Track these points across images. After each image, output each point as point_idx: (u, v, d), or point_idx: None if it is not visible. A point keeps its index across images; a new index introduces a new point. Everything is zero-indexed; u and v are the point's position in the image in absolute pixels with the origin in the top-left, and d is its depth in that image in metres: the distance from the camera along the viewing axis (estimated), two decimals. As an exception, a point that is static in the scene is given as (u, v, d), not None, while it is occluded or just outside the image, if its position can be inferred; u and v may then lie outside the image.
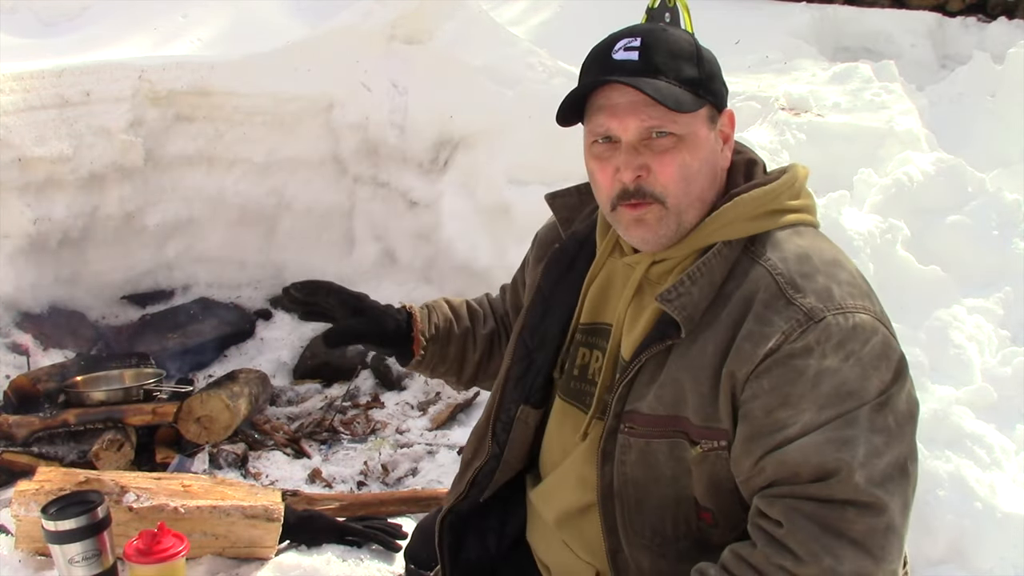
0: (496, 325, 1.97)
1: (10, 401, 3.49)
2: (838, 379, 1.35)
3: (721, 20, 5.82)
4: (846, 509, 1.31)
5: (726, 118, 1.52)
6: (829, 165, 4.06)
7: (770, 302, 1.39)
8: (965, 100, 4.97)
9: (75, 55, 4.42)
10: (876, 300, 1.46)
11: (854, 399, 1.34)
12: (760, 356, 1.37)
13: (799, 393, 1.35)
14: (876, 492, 1.31)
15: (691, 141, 1.45)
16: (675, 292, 1.44)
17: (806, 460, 1.33)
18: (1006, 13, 6.88)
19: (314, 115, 4.49)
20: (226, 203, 4.55)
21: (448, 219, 4.25)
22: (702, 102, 1.46)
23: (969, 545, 2.51)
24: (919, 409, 1.43)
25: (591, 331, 1.64)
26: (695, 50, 1.50)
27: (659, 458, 1.47)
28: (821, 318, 1.37)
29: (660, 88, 1.42)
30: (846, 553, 1.30)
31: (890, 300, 3.52)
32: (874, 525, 1.31)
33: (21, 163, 3.95)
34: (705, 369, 1.42)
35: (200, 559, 2.30)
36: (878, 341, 1.38)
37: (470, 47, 4.44)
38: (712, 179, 1.50)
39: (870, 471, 1.32)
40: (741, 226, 1.47)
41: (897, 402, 1.37)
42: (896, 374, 1.38)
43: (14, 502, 2.23)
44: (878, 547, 1.31)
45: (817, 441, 1.33)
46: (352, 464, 3.53)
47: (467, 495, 1.76)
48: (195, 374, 4.08)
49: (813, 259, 1.44)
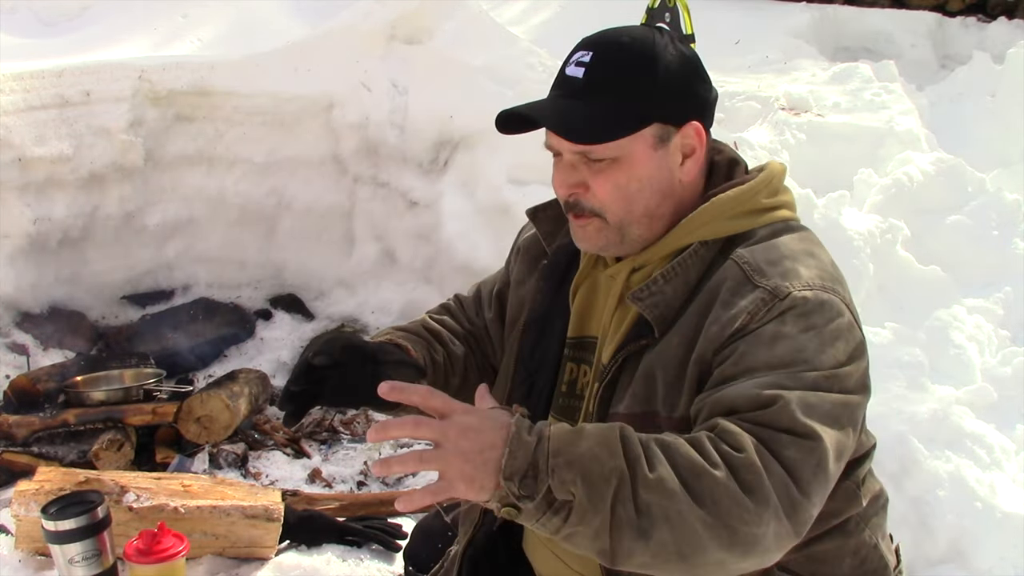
0: (467, 347, 1.87)
1: (10, 401, 3.49)
2: (794, 345, 1.34)
3: (721, 20, 5.83)
4: (780, 434, 1.26)
5: (691, 131, 1.47)
6: (829, 165, 4.07)
7: (736, 288, 1.39)
8: (965, 100, 4.97)
9: (75, 55, 4.42)
10: (846, 290, 1.46)
11: (805, 365, 1.32)
12: (727, 336, 1.36)
13: (753, 352, 1.34)
14: (813, 424, 1.27)
15: (627, 162, 1.44)
16: (647, 291, 1.45)
17: (741, 395, 1.30)
18: (1006, 13, 6.88)
19: (314, 115, 4.49)
20: (226, 203, 4.55)
21: (448, 219, 4.25)
22: (642, 124, 1.43)
23: (969, 545, 2.51)
24: (869, 396, 1.41)
25: (577, 345, 1.63)
26: (651, 64, 1.44)
27: None
28: (787, 294, 1.37)
29: (573, 120, 1.41)
30: (775, 468, 1.24)
31: (890, 300, 3.56)
32: (805, 457, 1.26)
33: (21, 163, 3.95)
34: (671, 360, 1.42)
35: (200, 559, 2.30)
36: (842, 322, 1.38)
37: (470, 47, 4.44)
38: (662, 195, 1.48)
39: (808, 408, 1.28)
40: (719, 226, 1.48)
41: (846, 380, 1.35)
42: (852, 356, 1.37)
43: (14, 502, 2.23)
44: (805, 480, 1.25)
45: (756, 382, 1.31)
46: (352, 464, 3.53)
47: (482, 523, 1.72)
48: (195, 374, 4.07)
49: (781, 249, 1.44)
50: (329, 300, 4.71)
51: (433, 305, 2.07)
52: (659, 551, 1.20)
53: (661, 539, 1.20)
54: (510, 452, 1.20)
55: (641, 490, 1.20)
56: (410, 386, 1.31)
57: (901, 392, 2.87)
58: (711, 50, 4.76)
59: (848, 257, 3.28)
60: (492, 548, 1.74)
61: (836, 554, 1.51)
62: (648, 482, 1.20)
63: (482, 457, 1.20)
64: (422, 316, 1.91)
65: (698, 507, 1.20)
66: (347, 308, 4.63)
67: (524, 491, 1.20)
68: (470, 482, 1.20)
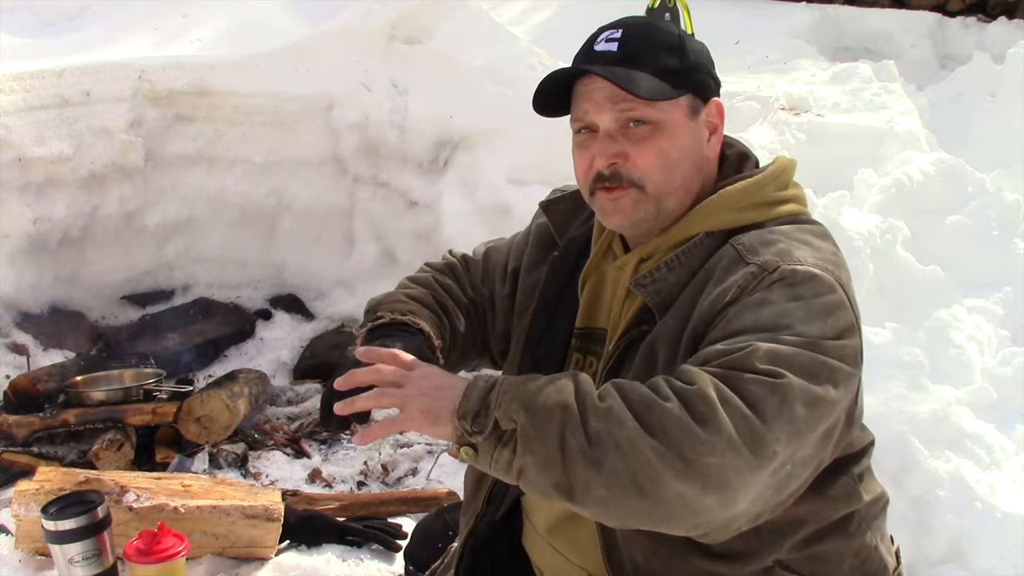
0: (466, 319, 1.84)
1: (10, 401, 3.49)
2: (779, 310, 1.33)
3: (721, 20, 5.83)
4: (742, 373, 1.25)
5: (713, 108, 1.53)
6: (829, 165, 4.06)
7: (729, 266, 1.41)
8: (965, 100, 4.97)
9: (75, 55, 4.42)
10: (845, 275, 1.45)
11: (790, 331, 1.31)
12: (718, 308, 1.37)
13: (739, 316, 1.34)
14: (780, 370, 1.25)
15: (669, 129, 1.47)
16: (650, 277, 1.47)
17: (714, 348, 1.31)
18: (1006, 13, 6.88)
19: (314, 115, 4.49)
20: (226, 203, 4.55)
21: (448, 219, 4.25)
22: (680, 91, 1.48)
23: (969, 545, 2.51)
24: (858, 372, 1.38)
25: (585, 336, 1.64)
26: (678, 40, 1.51)
27: None
28: (776, 267, 1.37)
29: (632, 78, 1.44)
30: (733, 401, 1.23)
31: (890, 300, 3.55)
32: (767, 393, 1.24)
33: (21, 163, 3.95)
34: (668, 340, 1.43)
35: (200, 559, 2.30)
36: (833, 298, 1.37)
37: (470, 47, 4.44)
38: (696, 168, 1.51)
39: (775, 358, 1.27)
40: (726, 217, 1.49)
41: (830, 350, 1.32)
42: (840, 334, 1.35)
43: (14, 502, 2.23)
44: (767, 414, 1.23)
45: (734, 341, 1.30)
46: (352, 464, 3.53)
47: (484, 512, 1.75)
48: (195, 374, 4.07)
49: (778, 233, 1.45)
50: (329, 300, 4.71)
51: None
52: (614, 482, 1.21)
53: (614, 467, 1.21)
54: (464, 395, 1.29)
55: (591, 418, 1.23)
56: (380, 349, 1.43)
57: (901, 392, 2.87)
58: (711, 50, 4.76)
59: (848, 257, 3.24)
60: (494, 538, 1.75)
61: (837, 555, 1.51)
62: (598, 411, 1.24)
63: (438, 394, 1.31)
64: (426, 273, 1.88)
65: (649, 436, 1.21)
66: (347, 308, 4.63)
67: (475, 427, 1.27)
68: (426, 414, 1.30)
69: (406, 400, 1.31)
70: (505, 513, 1.76)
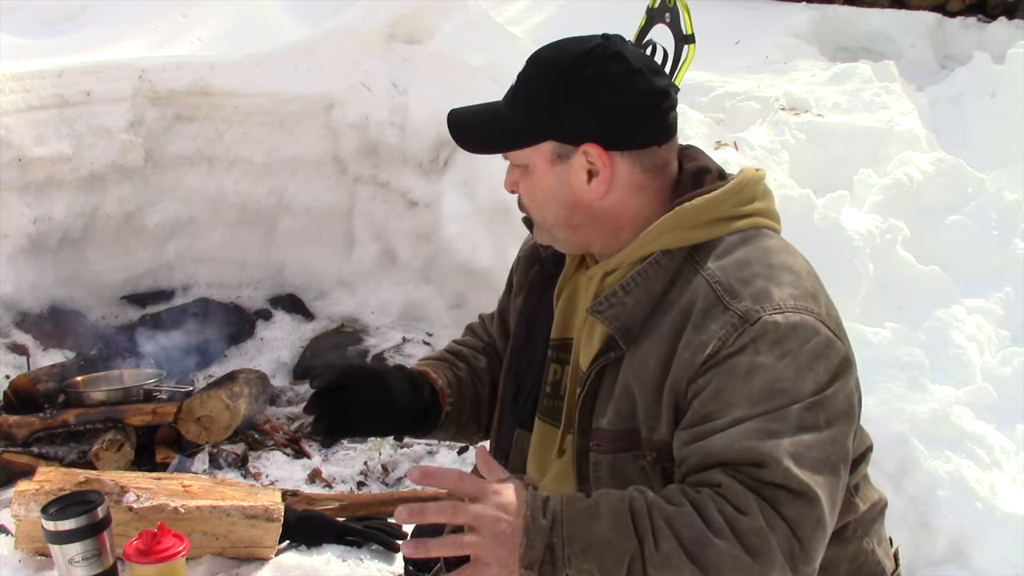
0: (488, 359, 1.89)
1: (10, 401, 3.48)
2: (772, 376, 1.32)
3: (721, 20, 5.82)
4: (779, 491, 1.27)
5: (591, 151, 1.44)
6: (829, 165, 4.06)
7: (708, 310, 1.37)
8: (965, 100, 4.97)
9: (75, 55, 4.42)
10: (824, 301, 1.43)
11: (786, 396, 1.31)
12: (699, 363, 1.35)
13: (731, 388, 1.32)
14: (808, 480, 1.28)
15: (531, 172, 1.50)
16: (606, 303, 1.44)
17: (729, 448, 1.30)
18: (1006, 13, 6.88)
19: (314, 115, 4.49)
20: (226, 203, 4.55)
21: (448, 219, 4.25)
22: (538, 139, 1.46)
23: (969, 545, 2.51)
24: (860, 407, 1.41)
25: (560, 346, 1.63)
26: (555, 82, 1.46)
27: (628, 472, 1.45)
28: (757, 319, 1.34)
29: (482, 128, 1.53)
30: (778, 524, 1.26)
31: (890, 300, 3.55)
32: (805, 513, 1.28)
33: (21, 163, 3.95)
34: (648, 382, 1.41)
35: (200, 559, 2.29)
36: (819, 341, 1.36)
37: (470, 47, 4.44)
38: (571, 207, 1.49)
39: (799, 461, 1.29)
40: (681, 235, 1.45)
41: (832, 402, 1.34)
42: (835, 375, 1.35)
43: (14, 502, 2.23)
44: (806, 536, 1.27)
45: (742, 431, 1.30)
46: (352, 464, 3.53)
47: None
48: (195, 374, 4.07)
49: (754, 264, 1.41)
50: (329, 300, 4.71)
51: (433, 306, 2.11)
52: None
53: None
54: (527, 541, 1.27)
55: (650, 569, 1.26)
56: (440, 471, 1.36)
57: (901, 392, 2.87)
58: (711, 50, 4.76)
59: (848, 257, 3.28)
60: None
61: (833, 560, 1.50)
62: (655, 561, 1.25)
63: (511, 541, 1.28)
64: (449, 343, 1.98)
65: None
66: (347, 308, 4.63)
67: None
68: (503, 565, 1.28)
69: (485, 551, 1.28)
70: None
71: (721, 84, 4.80)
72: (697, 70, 4.53)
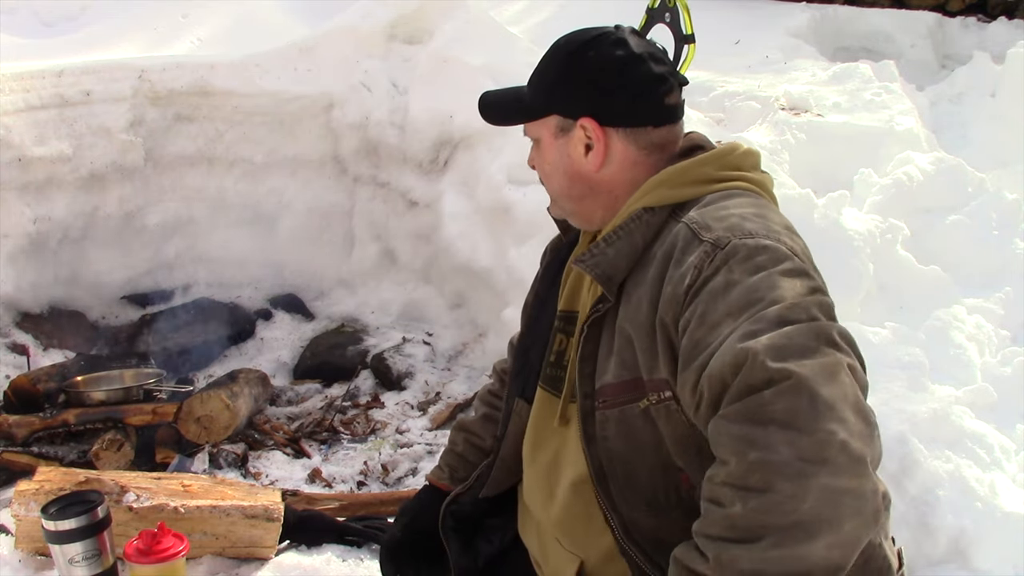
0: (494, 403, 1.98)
1: (10, 401, 3.48)
2: (748, 286, 1.33)
3: (721, 20, 5.83)
4: (762, 393, 1.23)
5: (587, 125, 1.58)
6: (829, 165, 4.07)
7: (685, 247, 1.43)
8: (965, 100, 4.98)
9: (75, 55, 4.42)
10: (800, 243, 1.46)
11: (764, 302, 1.31)
12: (681, 295, 1.39)
13: (713, 308, 1.34)
14: (788, 366, 1.23)
15: (541, 146, 1.67)
16: (588, 254, 1.54)
17: (723, 363, 1.28)
18: (1006, 13, 6.89)
19: (314, 115, 4.49)
20: (226, 203, 4.55)
21: (448, 219, 4.25)
22: (543, 113, 1.63)
23: (969, 545, 2.51)
24: (847, 331, 1.34)
25: (565, 318, 1.70)
26: (561, 61, 1.62)
27: (636, 424, 1.48)
28: (727, 243, 1.39)
29: (505, 104, 1.71)
30: (774, 439, 1.20)
31: (890, 300, 3.55)
32: (795, 400, 1.21)
33: (21, 163, 3.95)
34: (643, 325, 1.45)
35: (200, 559, 2.30)
36: (793, 265, 1.37)
37: (470, 47, 4.44)
38: (571, 178, 1.63)
39: (779, 351, 1.25)
40: (662, 193, 1.54)
41: (812, 308, 1.31)
42: (813, 291, 1.34)
43: (14, 502, 2.23)
44: (808, 420, 1.20)
45: (729, 341, 1.29)
46: (352, 464, 3.53)
47: (470, 487, 1.84)
48: (195, 374, 4.07)
49: (731, 207, 1.47)
50: (329, 300, 4.71)
51: (433, 306, 2.18)
52: None
53: None
54: None
55: None
56: None
57: (901, 392, 2.87)
58: (711, 50, 4.76)
59: (848, 257, 3.28)
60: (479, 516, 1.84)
61: None
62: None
63: None
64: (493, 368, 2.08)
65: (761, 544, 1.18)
66: (347, 308, 4.63)
67: None
68: None
69: None
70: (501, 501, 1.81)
71: (721, 84, 4.80)
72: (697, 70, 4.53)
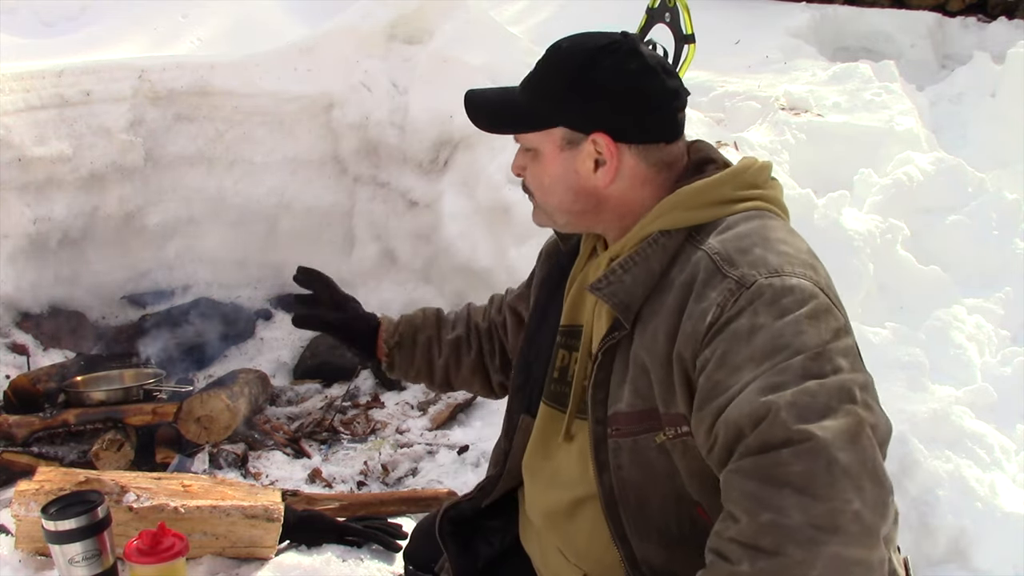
0: (465, 332, 2.02)
1: (10, 401, 3.48)
2: (772, 332, 1.31)
3: (721, 20, 5.83)
4: (780, 452, 1.22)
5: (599, 140, 1.50)
6: (829, 165, 4.07)
7: (707, 280, 1.39)
8: (965, 100, 4.98)
9: (75, 55, 4.42)
10: (824, 276, 1.44)
11: (788, 351, 1.29)
12: (702, 332, 1.36)
13: (735, 351, 1.32)
14: (808, 428, 1.22)
15: (540, 157, 1.56)
16: (605, 281, 1.48)
17: (741, 413, 1.27)
18: (1006, 13, 6.89)
19: (314, 115, 4.49)
20: (226, 203, 4.55)
21: (448, 219, 4.25)
22: (548, 124, 1.53)
23: (969, 545, 2.51)
24: (868, 378, 1.33)
25: (568, 333, 1.66)
26: (572, 71, 1.51)
27: (650, 455, 1.46)
28: (753, 282, 1.35)
29: (496, 107, 1.60)
30: (788, 503, 1.19)
31: (890, 300, 3.56)
32: (813, 464, 1.20)
33: (21, 163, 3.95)
34: (659, 356, 1.42)
35: (200, 559, 2.29)
36: (819, 304, 1.35)
37: (470, 47, 4.44)
38: (576, 193, 1.55)
39: (800, 409, 1.23)
40: (679, 216, 1.48)
41: (836, 357, 1.30)
42: (837, 334, 1.33)
43: (14, 502, 2.23)
44: (824, 487, 1.19)
45: (750, 391, 1.28)
46: (352, 464, 3.53)
47: (473, 497, 1.82)
48: (195, 374, 4.07)
49: (753, 237, 1.43)
50: (329, 300, 4.70)
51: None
52: None
53: None
54: None
55: None
56: None
57: (901, 392, 2.87)
58: (711, 50, 4.76)
59: (848, 257, 3.28)
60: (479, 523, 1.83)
61: None
62: None
63: None
64: (466, 306, 2.11)
65: None
66: (347, 308, 4.63)
67: None
68: None
69: None
70: (502, 504, 1.80)
71: (721, 84, 4.80)
72: (697, 70, 4.54)
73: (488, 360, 2.01)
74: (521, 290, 1.95)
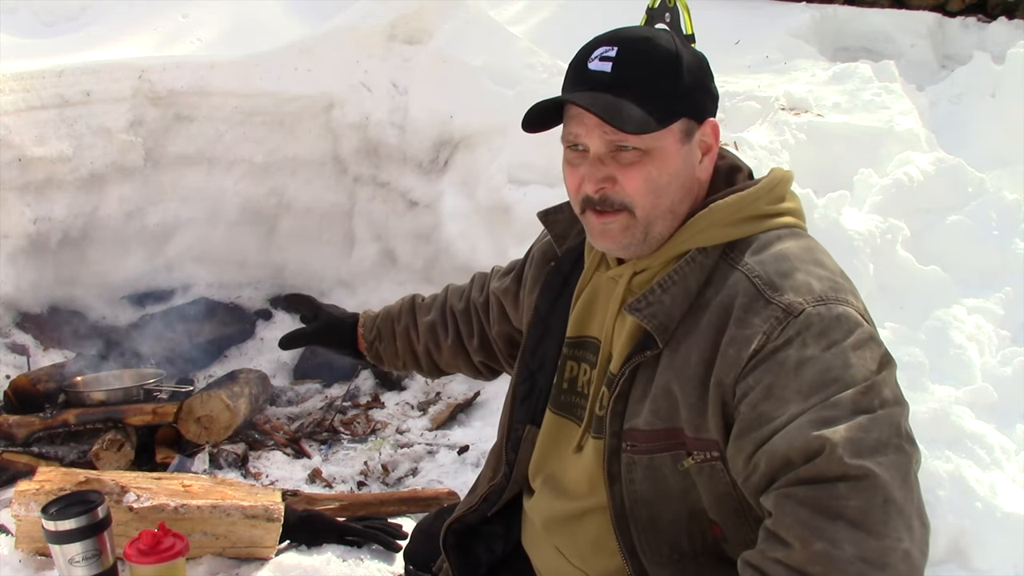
0: (440, 316, 2.05)
1: (10, 401, 3.48)
2: (821, 366, 1.31)
3: (721, 20, 5.83)
4: (836, 486, 1.23)
5: (708, 128, 1.49)
6: (829, 165, 4.07)
7: (750, 305, 1.38)
8: (965, 100, 4.98)
9: (75, 55, 4.41)
10: (858, 299, 1.44)
11: (838, 384, 1.30)
12: (745, 359, 1.35)
13: (782, 384, 1.32)
14: (866, 464, 1.23)
15: (658, 155, 1.44)
16: (644, 301, 1.45)
17: (791, 446, 1.27)
18: (1006, 13, 6.89)
19: (314, 115, 4.49)
20: (226, 203, 4.55)
21: (448, 219, 4.25)
22: (673, 117, 1.44)
23: (969, 545, 2.51)
24: (908, 407, 1.38)
25: (577, 344, 1.64)
26: (676, 59, 1.45)
27: (665, 473, 1.46)
28: (801, 311, 1.35)
29: (621, 110, 1.40)
30: (842, 535, 1.21)
31: (890, 300, 3.55)
32: (869, 500, 1.22)
33: (21, 163, 3.95)
34: (692, 379, 1.40)
35: (200, 559, 2.30)
36: (863, 332, 1.36)
37: (470, 47, 4.44)
38: (686, 191, 1.48)
39: (856, 445, 1.25)
40: (716, 232, 1.46)
41: (883, 388, 1.33)
42: (881, 365, 1.35)
43: (14, 502, 2.23)
44: (879, 523, 1.21)
45: (800, 424, 1.28)
46: (352, 464, 3.53)
47: (477, 508, 1.80)
48: (195, 374, 4.07)
49: (791, 258, 1.42)
50: (329, 300, 4.69)
51: None
52: None
53: None
54: None
55: None
56: None
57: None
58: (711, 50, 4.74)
59: (848, 257, 3.28)
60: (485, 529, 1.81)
61: None
62: None
63: None
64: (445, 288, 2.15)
65: None
66: (347, 308, 4.61)
67: None
68: None
69: None
70: (503, 509, 1.79)
71: (721, 84, 4.76)
72: (697, 70, 4.52)
73: (467, 342, 2.01)
74: (508, 284, 1.90)
